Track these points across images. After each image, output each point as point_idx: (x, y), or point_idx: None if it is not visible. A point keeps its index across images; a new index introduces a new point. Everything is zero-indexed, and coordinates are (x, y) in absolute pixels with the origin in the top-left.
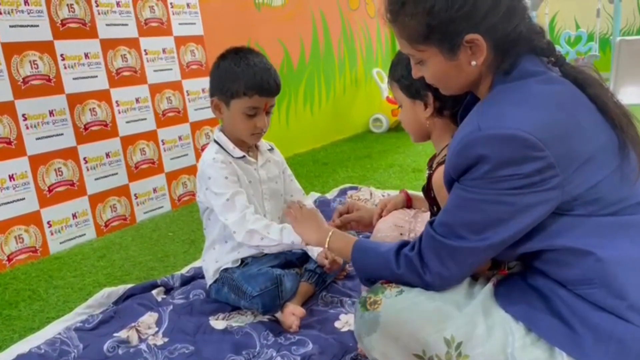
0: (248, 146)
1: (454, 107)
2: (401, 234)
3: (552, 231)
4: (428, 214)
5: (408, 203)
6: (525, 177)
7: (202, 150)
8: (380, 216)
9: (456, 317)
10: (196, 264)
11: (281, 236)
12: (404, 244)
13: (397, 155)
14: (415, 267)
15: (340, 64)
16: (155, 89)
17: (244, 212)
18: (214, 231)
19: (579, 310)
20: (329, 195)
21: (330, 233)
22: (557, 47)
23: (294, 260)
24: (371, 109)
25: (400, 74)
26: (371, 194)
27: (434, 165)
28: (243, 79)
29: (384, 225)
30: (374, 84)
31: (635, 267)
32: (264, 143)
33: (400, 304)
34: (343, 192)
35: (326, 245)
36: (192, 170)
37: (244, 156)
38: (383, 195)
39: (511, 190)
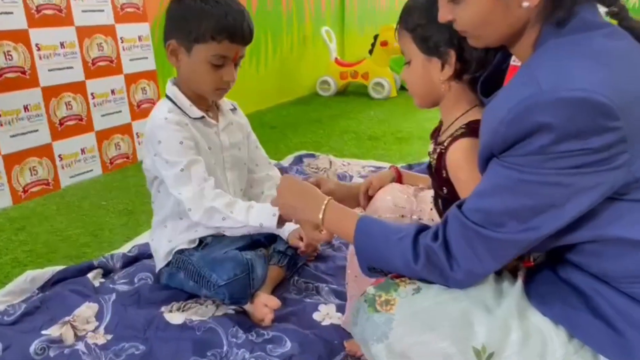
0: (207, 104)
1: (477, 70)
2: (402, 216)
3: (603, 219)
4: (429, 192)
5: (398, 180)
6: (592, 152)
7: (138, 107)
8: (368, 195)
9: (487, 322)
10: (138, 239)
11: (247, 217)
12: (421, 229)
13: (349, 120)
14: (439, 260)
15: (288, 19)
16: (84, 33)
17: (201, 185)
18: (166, 205)
19: (626, 311)
20: (284, 163)
21: (325, 202)
22: None
23: (262, 239)
24: (319, 71)
25: (417, 22)
26: (330, 162)
27: (447, 139)
28: (212, 20)
29: (383, 205)
30: (323, 44)
31: None
32: (226, 101)
33: (419, 305)
34: (299, 160)
35: (320, 216)
36: (126, 129)
37: (203, 117)
38: (344, 165)
39: (572, 169)
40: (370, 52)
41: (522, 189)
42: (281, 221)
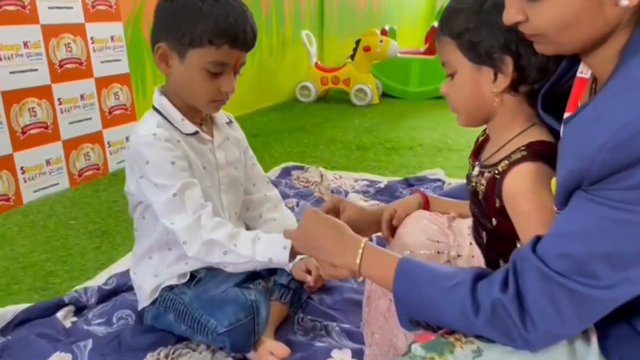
0: (201, 117)
1: (536, 81)
2: (438, 252)
3: None
4: (464, 222)
5: (425, 207)
6: None
7: (110, 113)
8: (392, 226)
9: None
10: (115, 267)
11: (253, 250)
12: (478, 275)
13: (335, 129)
14: (509, 317)
15: (267, 21)
16: (50, 32)
17: (198, 213)
18: (152, 234)
19: None
20: (271, 175)
21: (362, 245)
22: None
23: (262, 270)
24: (298, 75)
25: (464, 26)
26: (322, 175)
27: (501, 162)
28: (210, 21)
29: (414, 240)
30: (302, 48)
31: None
32: (221, 114)
33: None
34: (287, 172)
35: (357, 261)
36: (96, 137)
37: (196, 132)
38: (335, 178)
39: None
40: (352, 57)
41: (621, 232)
42: (292, 254)
